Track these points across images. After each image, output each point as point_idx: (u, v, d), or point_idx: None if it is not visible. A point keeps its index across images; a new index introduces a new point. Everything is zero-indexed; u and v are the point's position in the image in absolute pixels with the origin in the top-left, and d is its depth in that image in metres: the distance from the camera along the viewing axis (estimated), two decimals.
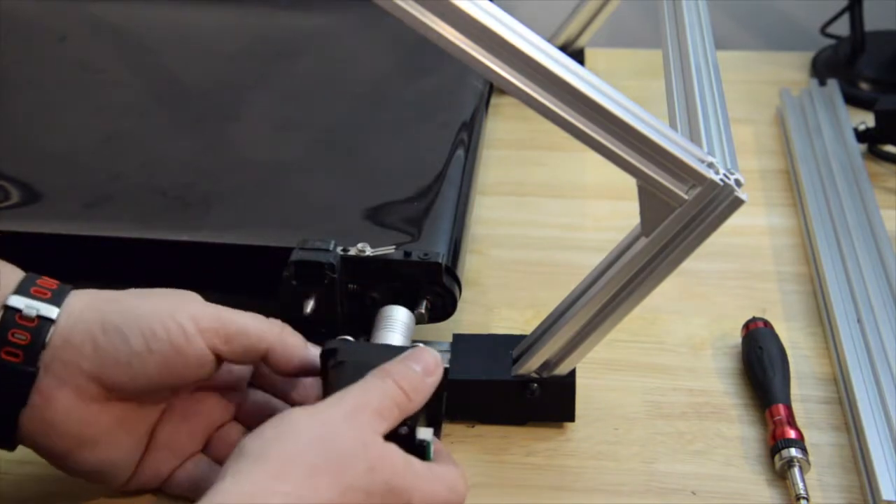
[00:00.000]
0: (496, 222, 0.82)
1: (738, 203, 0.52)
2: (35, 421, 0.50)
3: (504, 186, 0.86)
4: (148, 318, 0.51)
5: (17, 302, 0.50)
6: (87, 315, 0.51)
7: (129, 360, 0.50)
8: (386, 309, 0.62)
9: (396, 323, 0.61)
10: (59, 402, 0.50)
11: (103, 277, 0.67)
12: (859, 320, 0.68)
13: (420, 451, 0.52)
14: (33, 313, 0.50)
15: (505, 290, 0.75)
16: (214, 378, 0.54)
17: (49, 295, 0.51)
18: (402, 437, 0.51)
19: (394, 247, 0.63)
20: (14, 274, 0.52)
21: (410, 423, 0.52)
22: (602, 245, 0.61)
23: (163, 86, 0.85)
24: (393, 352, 0.54)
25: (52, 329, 0.50)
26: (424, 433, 0.52)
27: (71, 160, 0.75)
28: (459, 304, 0.64)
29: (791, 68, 1.03)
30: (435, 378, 0.52)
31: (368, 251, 0.63)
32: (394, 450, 0.48)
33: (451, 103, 0.82)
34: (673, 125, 0.58)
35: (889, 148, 0.87)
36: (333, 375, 0.54)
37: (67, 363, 0.50)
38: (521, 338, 0.63)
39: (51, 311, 0.50)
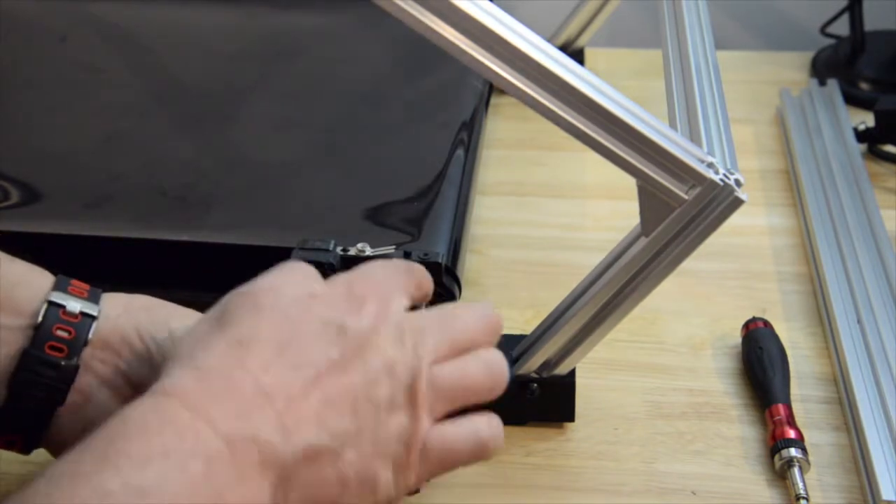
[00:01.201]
0: (496, 222, 0.82)
1: (738, 203, 0.52)
2: (73, 421, 0.50)
3: (504, 186, 0.86)
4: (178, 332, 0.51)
5: (61, 298, 0.50)
6: (123, 319, 0.51)
7: (160, 367, 0.50)
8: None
9: None
10: (98, 400, 0.50)
11: (103, 277, 0.67)
12: (859, 320, 0.68)
13: None
14: (77, 309, 0.50)
15: (505, 290, 0.75)
16: None
17: (86, 295, 0.51)
18: None
19: (394, 247, 0.63)
20: (45, 275, 0.52)
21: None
22: (602, 245, 0.61)
23: (163, 86, 0.85)
24: None
25: (93, 326, 0.50)
26: None
27: (71, 160, 0.75)
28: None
29: (791, 68, 1.03)
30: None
31: (368, 251, 0.63)
32: None
33: (451, 103, 0.82)
34: (673, 125, 0.58)
35: (889, 148, 0.87)
36: None
37: (106, 362, 0.50)
38: (521, 338, 0.63)
39: (92, 309, 0.51)
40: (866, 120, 0.88)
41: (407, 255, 0.63)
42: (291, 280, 0.46)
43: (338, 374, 0.43)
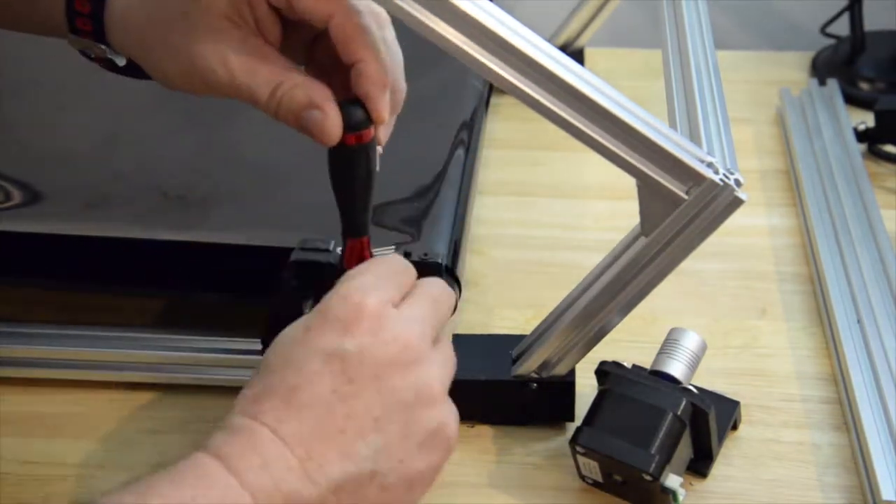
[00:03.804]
0: (496, 222, 0.82)
1: (737, 203, 0.52)
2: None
3: (504, 186, 0.86)
4: None
5: None
6: None
7: None
8: (676, 331, 0.61)
9: (682, 351, 0.60)
10: None
11: (103, 277, 0.67)
12: (859, 320, 0.68)
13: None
14: None
15: (505, 290, 0.75)
16: None
17: None
18: (646, 483, 0.51)
19: (394, 247, 0.63)
20: None
21: (655, 471, 0.52)
22: (602, 245, 0.61)
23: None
24: (664, 398, 0.55)
25: None
26: (673, 481, 0.52)
27: (71, 160, 0.75)
28: (459, 304, 0.64)
29: (791, 68, 1.03)
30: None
31: None
32: None
33: (451, 103, 0.82)
34: (673, 125, 0.58)
35: (889, 148, 0.88)
36: (597, 400, 0.57)
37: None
38: (521, 338, 0.63)
39: None
40: (866, 120, 0.88)
41: (407, 256, 0.63)
42: (292, 324, 0.48)
43: (349, 401, 0.45)
